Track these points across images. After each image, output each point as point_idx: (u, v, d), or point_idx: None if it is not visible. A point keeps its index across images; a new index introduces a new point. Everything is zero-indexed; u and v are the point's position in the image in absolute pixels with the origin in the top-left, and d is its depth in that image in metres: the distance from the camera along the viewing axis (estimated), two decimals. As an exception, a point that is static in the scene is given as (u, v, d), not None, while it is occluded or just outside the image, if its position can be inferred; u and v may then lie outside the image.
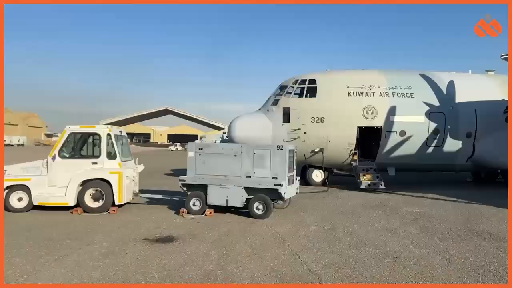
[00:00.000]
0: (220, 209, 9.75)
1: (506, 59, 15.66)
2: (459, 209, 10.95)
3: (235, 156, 9.72)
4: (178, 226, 8.42)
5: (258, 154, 9.62)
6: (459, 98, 16.13)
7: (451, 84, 16.34)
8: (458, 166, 16.98)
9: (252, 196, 9.47)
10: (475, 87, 16.63)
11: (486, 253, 6.61)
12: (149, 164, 24.82)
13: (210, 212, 9.59)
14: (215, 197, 9.61)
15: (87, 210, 9.75)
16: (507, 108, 15.03)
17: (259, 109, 17.01)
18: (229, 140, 17.00)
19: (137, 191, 10.97)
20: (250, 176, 9.58)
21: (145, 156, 41.10)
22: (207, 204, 9.66)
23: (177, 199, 10.58)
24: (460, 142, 16.07)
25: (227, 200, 9.54)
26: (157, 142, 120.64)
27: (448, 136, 15.93)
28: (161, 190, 12.66)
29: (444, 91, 16.24)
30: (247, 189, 9.53)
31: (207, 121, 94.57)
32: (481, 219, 9.57)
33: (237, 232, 7.98)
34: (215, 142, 41.43)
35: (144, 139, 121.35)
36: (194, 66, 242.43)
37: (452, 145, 16.04)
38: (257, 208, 9.33)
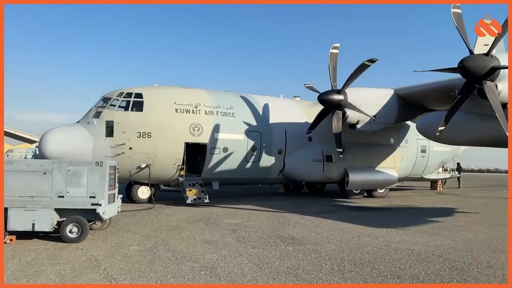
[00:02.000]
0: (25, 235, 8.49)
1: (309, 87, 18.50)
2: (271, 218, 12.24)
3: (44, 173, 8.64)
4: (-36, 260, 6.94)
5: (72, 171, 8.77)
6: (273, 119, 18.24)
7: (266, 107, 18.37)
8: (272, 179, 19.08)
9: (64, 218, 8.56)
10: (285, 110, 19.08)
11: (289, 257, 7.53)
12: None
13: (11, 240, 8.24)
14: (18, 221, 8.32)
15: None
16: (309, 128, 17.66)
17: (78, 122, 15.63)
18: (40, 156, 15.04)
19: None
20: (62, 196, 8.64)
21: None
22: (7, 230, 8.28)
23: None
24: (273, 158, 18.10)
25: (33, 225, 8.35)
26: None
27: (263, 153, 17.75)
28: None
29: (260, 112, 18.11)
30: (58, 211, 8.56)
31: (15, 133, 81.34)
32: (288, 226, 10.90)
33: (44, 259, 7.06)
34: (25, 157, 36.04)
35: None
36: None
37: (267, 160, 17.92)
38: (70, 232, 8.46)
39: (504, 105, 11.12)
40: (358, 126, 16.43)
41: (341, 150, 16.39)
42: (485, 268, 6.78)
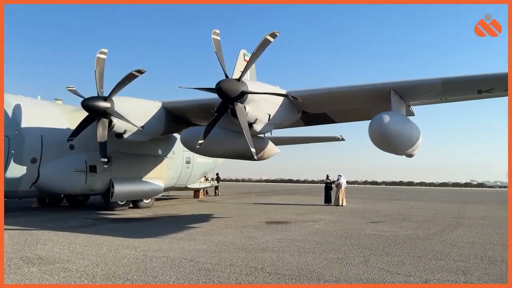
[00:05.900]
0: None
1: (72, 91, 16.85)
2: (15, 238, 10.52)
3: None
4: None
5: None
6: (26, 122, 15.88)
7: (17, 108, 15.84)
8: (22, 192, 16.51)
9: None
10: (43, 114, 16.95)
11: (32, 279, 6.61)
12: None
13: None
14: None
15: None
16: (71, 136, 16.17)
17: None
18: None
19: None
20: None
21: None
22: None
23: None
24: (25, 167, 15.74)
25: None
26: None
27: (12, 161, 15.20)
28: None
29: (10, 114, 15.49)
30: None
31: None
32: (36, 245, 9.61)
33: None
34: None
35: None
36: None
37: (16, 170, 15.42)
38: None
39: (250, 124, 13.13)
40: (125, 135, 16.16)
41: (106, 159, 15.73)
42: (228, 267, 7.71)
